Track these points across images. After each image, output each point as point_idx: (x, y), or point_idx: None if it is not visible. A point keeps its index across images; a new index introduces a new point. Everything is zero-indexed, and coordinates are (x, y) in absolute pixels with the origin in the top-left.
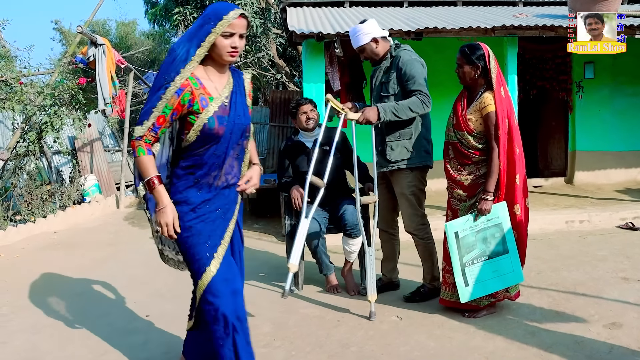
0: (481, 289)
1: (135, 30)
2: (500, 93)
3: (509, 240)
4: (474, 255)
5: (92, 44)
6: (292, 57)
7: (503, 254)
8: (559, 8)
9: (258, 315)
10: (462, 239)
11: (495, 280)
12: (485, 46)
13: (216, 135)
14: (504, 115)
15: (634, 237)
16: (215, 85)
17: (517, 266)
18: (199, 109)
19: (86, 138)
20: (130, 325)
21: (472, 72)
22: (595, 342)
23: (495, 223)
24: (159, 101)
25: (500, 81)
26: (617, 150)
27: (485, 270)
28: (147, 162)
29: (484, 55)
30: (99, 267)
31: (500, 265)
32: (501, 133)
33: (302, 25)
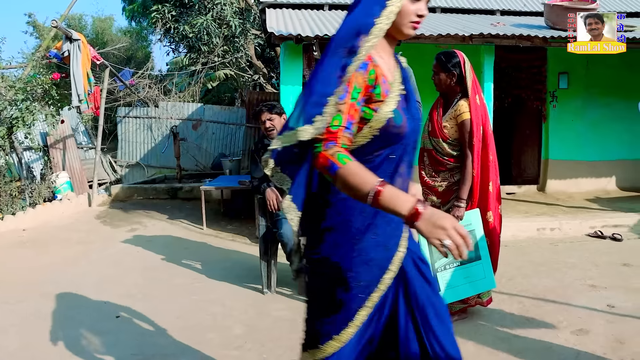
0: (453, 295)
1: (112, 27)
2: (476, 101)
3: (482, 247)
4: (446, 261)
5: (67, 39)
6: (270, 58)
7: (475, 260)
8: (536, 18)
9: (230, 317)
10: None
11: (467, 286)
12: (461, 54)
13: (399, 136)
14: (479, 122)
15: (602, 245)
16: (389, 67)
17: (489, 273)
18: (381, 95)
19: (59, 134)
20: (99, 325)
21: (447, 80)
22: (563, 348)
23: (468, 230)
24: (339, 83)
25: (475, 89)
26: (588, 160)
27: (457, 276)
28: (358, 169)
29: (459, 63)
30: (69, 266)
31: (472, 272)
32: (475, 141)
33: (281, 26)
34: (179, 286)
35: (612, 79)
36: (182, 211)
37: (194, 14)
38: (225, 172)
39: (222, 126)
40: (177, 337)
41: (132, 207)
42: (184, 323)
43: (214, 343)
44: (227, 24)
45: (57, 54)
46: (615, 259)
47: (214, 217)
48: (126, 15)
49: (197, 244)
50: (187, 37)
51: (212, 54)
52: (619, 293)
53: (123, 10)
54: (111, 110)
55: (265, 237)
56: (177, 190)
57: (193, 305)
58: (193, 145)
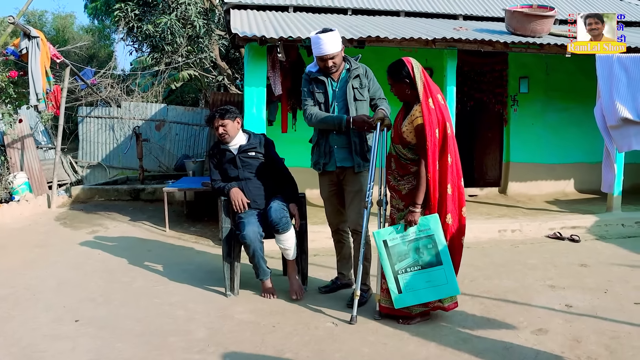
0: (414, 298)
1: (74, 24)
2: (429, 104)
3: (443, 253)
4: (406, 264)
5: (26, 36)
6: (234, 59)
7: (436, 265)
8: (497, 24)
9: (192, 320)
10: (392, 247)
11: (428, 290)
12: (409, 61)
13: None
14: (433, 126)
15: (561, 246)
16: None
17: (451, 278)
18: None
19: (16, 134)
20: (57, 330)
21: (402, 89)
22: (523, 347)
23: (427, 234)
24: None
25: (428, 92)
26: (548, 163)
27: (418, 279)
28: None
29: (408, 71)
30: (26, 269)
31: (433, 276)
32: (429, 144)
33: (245, 28)
34: (141, 289)
35: (570, 84)
36: (144, 213)
37: (158, 13)
38: (188, 173)
39: (186, 127)
40: (138, 341)
41: (93, 209)
42: (145, 327)
43: (176, 347)
44: (192, 24)
45: (14, 51)
46: (573, 260)
47: (177, 219)
48: (88, 13)
49: (159, 246)
50: (150, 36)
51: (175, 54)
52: (576, 293)
53: (85, 7)
54: (72, 110)
55: (229, 239)
56: (139, 191)
57: (155, 309)
58: (156, 146)
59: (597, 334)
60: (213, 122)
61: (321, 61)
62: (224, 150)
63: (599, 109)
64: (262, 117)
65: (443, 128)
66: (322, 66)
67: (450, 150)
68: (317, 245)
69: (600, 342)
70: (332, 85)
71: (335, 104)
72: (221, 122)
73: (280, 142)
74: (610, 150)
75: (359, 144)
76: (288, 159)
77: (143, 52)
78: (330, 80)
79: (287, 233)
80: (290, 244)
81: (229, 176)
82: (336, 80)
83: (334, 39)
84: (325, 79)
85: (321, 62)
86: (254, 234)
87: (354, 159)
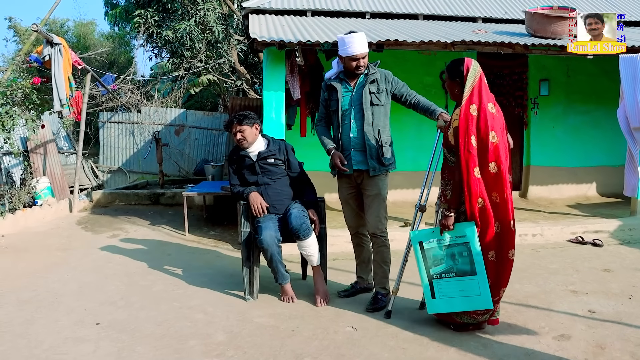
0: (447, 305)
1: (95, 31)
2: (469, 109)
3: (477, 262)
4: (441, 269)
5: (48, 43)
6: (253, 64)
7: (470, 274)
8: (517, 26)
9: (212, 324)
10: (427, 250)
11: (462, 300)
12: (469, 62)
13: None
14: (468, 133)
15: (583, 251)
16: None
17: (485, 290)
18: None
19: (39, 139)
20: (79, 332)
21: (452, 87)
22: (545, 354)
23: (462, 241)
24: None
25: (473, 98)
26: (569, 166)
27: (452, 287)
28: None
29: (462, 70)
30: (48, 272)
31: (467, 286)
32: (462, 150)
33: (263, 32)
34: (160, 293)
35: (592, 87)
36: (164, 217)
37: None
38: (207, 177)
39: (205, 132)
40: (157, 345)
41: (113, 213)
42: (164, 330)
43: (195, 350)
44: (210, 30)
45: (37, 58)
46: (596, 265)
47: (196, 223)
48: (109, 20)
49: (179, 250)
50: (169, 42)
51: (195, 59)
52: (599, 298)
53: (105, 15)
54: (93, 115)
55: (248, 243)
56: (159, 196)
57: (174, 312)
58: (175, 151)
59: (621, 341)
60: (231, 128)
61: (351, 61)
62: (243, 156)
63: (622, 110)
64: (281, 122)
65: (485, 136)
66: (352, 67)
67: (493, 158)
68: (336, 249)
69: (625, 349)
70: (348, 90)
71: (352, 109)
72: (239, 127)
73: (299, 146)
74: (633, 152)
75: (374, 148)
76: (307, 163)
77: (162, 57)
78: (345, 85)
79: (308, 239)
80: (313, 250)
81: (247, 182)
82: (352, 86)
83: (363, 39)
84: (338, 86)
85: (351, 63)
86: (271, 239)
87: (369, 162)
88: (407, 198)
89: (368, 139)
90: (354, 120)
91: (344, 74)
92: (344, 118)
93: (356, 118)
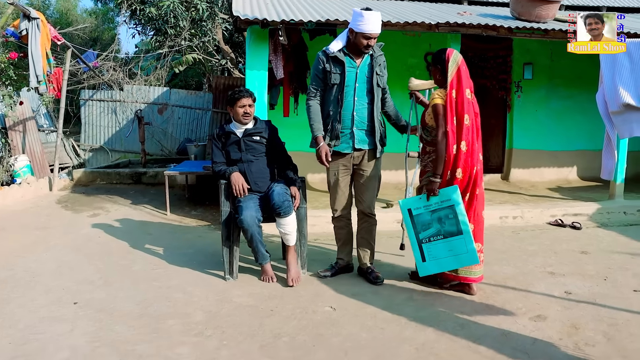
0: (437, 266)
1: (77, 7)
2: (451, 93)
3: (462, 222)
4: (430, 233)
5: (25, 17)
6: (238, 43)
7: (457, 234)
8: (502, 9)
9: (191, 303)
10: (416, 216)
11: (450, 259)
12: (451, 52)
13: None
14: (452, 112)
15: (562, 233)
16: None
17: (471, 247)
18: None
19: (17, 116)
20: (56, 312)
21: (435, 72)
22: (521, 335)
23: (448, 205)
24: None
25: (455, 84)
26: (551, 150)
27: (440, 248)
28: None
29: (444, 59)
30: (26, 251)
31: (454, 245)
32: (449, 123)
33: (247, 10)
34: (140, 272)
35: (575, 71)
36: (145, 196)
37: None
38: (190, 157)
39: (188, 111)
40: (136, 324)
41: (94, 192)
42: (143, 310)
43: (174, 330)
44: (195, 7)
45: (14, 32)
46: (574, 247)
47: (178, 203)
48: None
49: (160, 229)
50: (153, 19)
51: (179, 37)
52: (576, 280)
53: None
54: (74, 93)
55: (228, 223)
56: (141, 175)
57: (154, 292)
58: (158, 130)
59: (595, 321)
60: (241, 101)
61: (363, 38)
62: (229, 132)
63: (601, 94)
64: (264, 101)
65: (461, 118)
66: (362, 44)
67: (465, 138)
68: (317, 230)
69: (598, 329)
70: (353, 66)
71: (357, 86)
72: (251, 101)
73: (282, 126)
74: (611, 136)
75: (379, 129)
76: (289, 143)
77: (146, 35)
78: (350, 61)
79: (288, 217)
80: (291, 228)
81: (231, 158)
82: (357, 63)
83: (379, 19)
84: (345, 60)
85: (362, 40)
86: (251, 219)
87: (376, 142)
88: (390, 179)
89: (376, 120)
90: (357, 98)
91: (348, 49)
92: (346, 94)
93: (360, 96)
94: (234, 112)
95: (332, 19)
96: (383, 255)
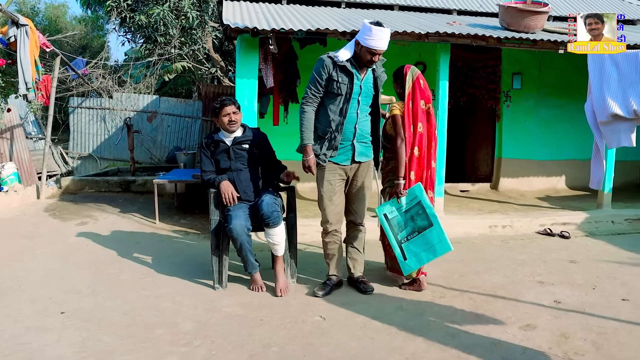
0: (417, 261)
1: (66, 14)
2: (408, 104)
3: (431, 215)
4: (407, 232)
5: (14, 24)
6: (228, 51)
7: (428, 227)
8: (492, 19)
9: (179, 313)
10: (391, 219)
11: (427, 252)
12: (408, 68)
13: None
14: (409, 121)
15: (551, 242)
16: None
17: (443, 237)
18: None
19: (5, 124)
20: (42, 322)
21: (396, 87)
22: (510, 344)
23: (415, 202)
24: None
25: (413, 96)
26: (540, 159)
27: (418, 244)
28: None
29: (402, 75)
30: (12, 260)
31: (428, 238)
32: (407, 131)
33: (237, 19)
34: (128, 281)
35: (563, 81)
36: (134, 205)
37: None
38: (179, 165)
39: (178, 119)
40: (123, 334)
41: (83, 200)
42: (131, 319)
43: (162, 339)
44: (185, 16)
45: (2, 39)
46: (562, 256)
47: (167, 211)
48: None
49: (148, 238)
50: (143, 27)
51: (168, 45)
52: (565, 289)
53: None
54: (63, 100)
55: (217, 232)
56: (130, 183)
57: (142, 301)
58: (148, 138)
59: (584, 330)
60: (225, 109)
61: (368, 53)
62: (218, 141)
63: (590, 104)
64: (254, 110)
65: (415, 126)
66: (366, 59)
67: (418, 144)
68: (307, 239)
69: (587, 338)
70: (357, 79)
71: (360, 99)
72: (234, 109)
73: (271, 134)
74: (599, 146)
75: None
76: (278, 151)
77: (136, 43)
78: (356, 73)
79: (277, 227)
80: (279, 238)
81: (220, 167)
82: (362, 76)
83: (388, 36)
84: (354, 71)
85: (368, 55)
86: (240, 228)
87: (375, 156)
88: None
89: (379, 134)
90: (360, 112)
91: (354, 60)
92: (350, 107)
93: (363, 110)
94: (220, 122)
95: (322, 28)
96: (373, 264)
